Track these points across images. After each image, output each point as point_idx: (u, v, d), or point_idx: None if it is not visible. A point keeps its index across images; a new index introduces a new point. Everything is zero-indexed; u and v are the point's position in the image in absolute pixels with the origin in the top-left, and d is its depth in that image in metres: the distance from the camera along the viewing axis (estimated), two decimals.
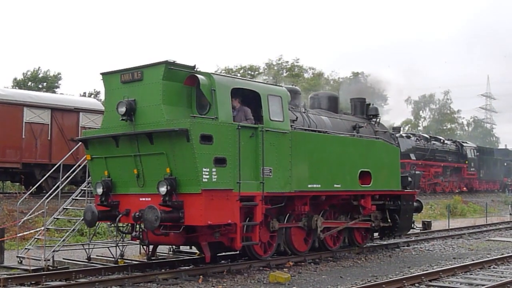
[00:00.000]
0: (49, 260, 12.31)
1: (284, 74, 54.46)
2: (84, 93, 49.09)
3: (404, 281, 10.63)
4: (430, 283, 10.89)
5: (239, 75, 48.37)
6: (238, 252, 13.13)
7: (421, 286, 10.71)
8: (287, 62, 55.63)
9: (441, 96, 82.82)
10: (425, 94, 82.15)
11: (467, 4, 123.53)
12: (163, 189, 10.58)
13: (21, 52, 79.52)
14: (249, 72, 53.59)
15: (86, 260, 13.20)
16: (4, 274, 11.33)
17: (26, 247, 13.20)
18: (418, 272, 11.85)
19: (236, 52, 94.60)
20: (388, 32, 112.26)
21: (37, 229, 14.69)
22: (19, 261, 12.80)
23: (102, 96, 45.44)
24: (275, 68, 54.32)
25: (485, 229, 23.40)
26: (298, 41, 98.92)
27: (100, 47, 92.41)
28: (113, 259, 13.25)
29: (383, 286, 10.10)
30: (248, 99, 12.22)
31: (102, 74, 12.04)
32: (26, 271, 11.79)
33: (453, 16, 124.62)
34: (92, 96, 47.17)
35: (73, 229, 13.21)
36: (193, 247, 13.96)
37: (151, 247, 12.98)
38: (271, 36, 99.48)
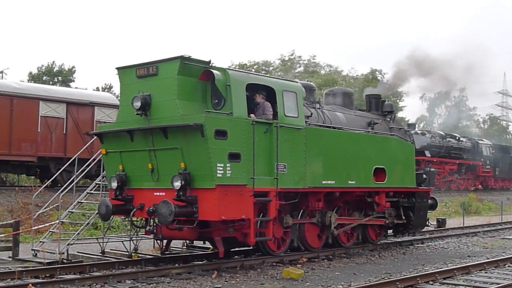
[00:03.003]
0: (63, 253, 12.38)
1: (298, 70, 54.19)
2: (97, 87, 49.26)
3: (418, 279, 10.56)
4: (444, 281, 10.81)
5: (253, 70, 48.18)
6: (251, 248, 13.13)
7: (435, 284, 10.63)
8: (299, 57, 55.32)
9: (457, 93, 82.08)
10: (441, 91, 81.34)
11: None
12: (177, 184, 10.60)
13: (36, 46, 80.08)
14: (263, 67, 53.42)
15: (100, 254, 13.27)
16: (19, 267, 11.43)
17: (41, 240, 13.30)
18: (432, 270, 11.76)
19: (251, 48, 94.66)
20: (402, 29, 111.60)
21: (51, 223, 14.77)
22: (34, 254, 12.89)
23: (114, 90, 45.73)
24: (288, 63, 54.04)
25: (500, 227, 23.23)
26: (312, 37, 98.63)
27: (114, 41, 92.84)
28: (127, 253, 13.31)
29: (397, 283, 10.04)
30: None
31: (118, 68, 12.08)
32: (40, 264, 11.88)
33: (465, 10, 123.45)
34: (106, 90, 47.33)
35: (88, 223, 13.29)
36: (206, 242, 13.98)
37: (164, 241, 13.01)
38: (286, 31, 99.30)
